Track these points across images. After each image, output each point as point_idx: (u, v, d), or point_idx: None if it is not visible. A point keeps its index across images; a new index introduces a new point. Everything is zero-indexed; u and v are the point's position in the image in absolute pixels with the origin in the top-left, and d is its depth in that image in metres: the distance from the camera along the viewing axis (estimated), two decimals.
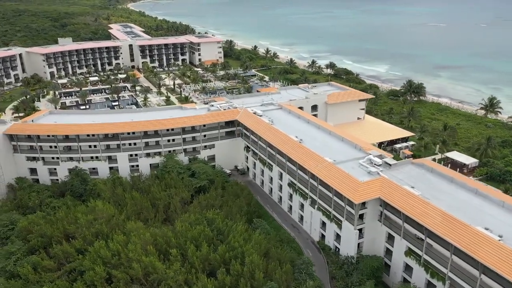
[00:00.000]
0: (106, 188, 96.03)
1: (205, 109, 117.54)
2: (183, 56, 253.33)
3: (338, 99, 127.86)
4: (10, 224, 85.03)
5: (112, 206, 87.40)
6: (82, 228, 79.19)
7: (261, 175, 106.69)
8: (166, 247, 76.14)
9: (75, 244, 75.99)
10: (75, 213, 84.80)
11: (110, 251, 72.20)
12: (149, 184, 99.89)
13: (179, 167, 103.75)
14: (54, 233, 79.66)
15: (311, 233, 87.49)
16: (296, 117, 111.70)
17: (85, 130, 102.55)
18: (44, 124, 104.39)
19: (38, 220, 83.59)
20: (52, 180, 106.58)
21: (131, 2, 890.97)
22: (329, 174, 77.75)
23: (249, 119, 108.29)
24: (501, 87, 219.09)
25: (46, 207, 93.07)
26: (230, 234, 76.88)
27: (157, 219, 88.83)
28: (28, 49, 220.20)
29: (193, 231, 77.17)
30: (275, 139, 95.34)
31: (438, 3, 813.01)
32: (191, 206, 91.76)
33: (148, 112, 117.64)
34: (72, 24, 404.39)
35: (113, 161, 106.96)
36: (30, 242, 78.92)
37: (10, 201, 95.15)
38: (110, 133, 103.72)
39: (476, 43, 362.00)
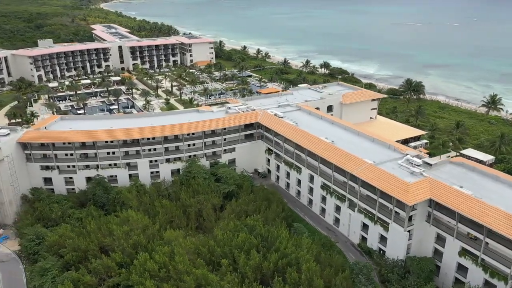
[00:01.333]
0: (132, 196, 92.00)
1: (223, 112, 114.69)
2: (174, 57, 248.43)
3: (353, 99, 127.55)
4: (37, 238, 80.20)
5: (144, 216, 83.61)
6: (119, 240, 75.33)
7: (287, 178, 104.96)
8: (210, 257, 73.65)
9: (115, 257, 72.17)
10: (108, 225, 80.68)
11: (157, 264, 68.86)
12: (174, 190, 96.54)
13: (204, 172, 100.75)
14: (89, 247, 75.58)
15: (349, 235, 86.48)
16: (318, 118, 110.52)
17: (104, 136, 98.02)
18: (60, 131, 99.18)
19: (68, 233, 79.13)
20: (68, 189, 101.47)
21: (103, 2, 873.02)
22: (373, 176, 76.80)
23: (271, 121, 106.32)
24: (491, 84, 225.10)
25: (70, 219, 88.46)
26: (276, 240, 74.78)
27: (189, 227, 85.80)
28: (14, 52, 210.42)
29: (237, 239, 74.64)
30: (306, 141, 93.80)
31: (408, 3, 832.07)
32: (223, 212, 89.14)
33: (165, 116, 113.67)
34: (48, 25, 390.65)
35: (132, 168, 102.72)
36: (64, 257, 74.57)
37: (30, 213, 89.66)
38: (131, 138, 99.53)
39: (454, 42, 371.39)
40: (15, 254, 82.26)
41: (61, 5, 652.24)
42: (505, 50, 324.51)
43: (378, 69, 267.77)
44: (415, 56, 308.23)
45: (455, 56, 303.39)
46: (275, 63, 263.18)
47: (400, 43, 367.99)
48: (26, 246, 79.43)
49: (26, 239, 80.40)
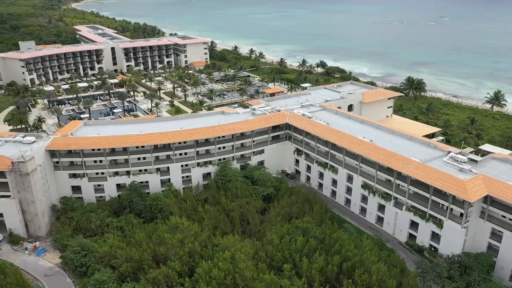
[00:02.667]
0: (172, 202, 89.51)
1: (249, 113, 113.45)
2: (168, 58, 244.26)
3: (372, 98, 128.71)
4: (82, 249, 76.82)
5: (193, 222, 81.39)
6: (175, 249, 73.06)
7: (319, 178, 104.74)
8: (270, 262, 72.51)
9: (175, 266, 69.90)
10: (156, 233, 78.10)
11: (222, 271, 67.11)
12: (212, 194, 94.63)
13: (239, 175, 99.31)
14: (143, 256, 72.94)
15: (395, 234, 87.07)
16: (346, 117, 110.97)
17: (136, 141, 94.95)
18: (88, 137, 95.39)
19: (118, 243, 76.22)
20: (97, 197, 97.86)
21: (74, 2, 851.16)
22: (425, 174, 77.53)
23: (302, 122, 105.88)
24: (481, 81, 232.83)
25: (108, 228, 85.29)
26: (336, 242, 74.34)
27: (235, 232, 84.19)
28: (3, 55, 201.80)
29: (297, 243, 73.74)
30: (344, 141, 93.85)
31: (381, 3, 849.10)
32: (268, 215, 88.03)
33: (192, 119, 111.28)
34: (25, 27, 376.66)
35: (164, 173, 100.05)
36: (118, 268, 71.66)
37: (67, 224, 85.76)
38: (164, 143, 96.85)
39: (433, 40, 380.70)
40: (58, 267, 78.53)
41: (30, 5, 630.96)
42: (484, 48, 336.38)
43: (370, 67, 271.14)
44: (400, 54, 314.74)
45: (439, 54, 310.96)
46: (269, 62, 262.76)
47: (382, 41, 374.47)
48: (72, 258, 75.85)
49: (70, 251, 76.81)
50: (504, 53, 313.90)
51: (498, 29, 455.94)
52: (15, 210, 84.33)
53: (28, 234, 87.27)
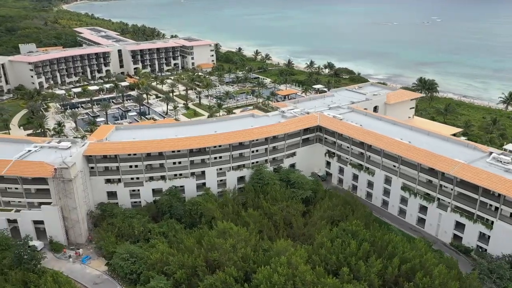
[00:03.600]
0: (214, 207, 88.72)
1: (279, 116, 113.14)
2: (175, 61, 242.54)
3: (397, 99, 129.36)
4: (131, 256, 75.64)
5: (242, 227, 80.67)
6: (228, 254, 72.32)
7: (353, 180, 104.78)
8: (325, 265, 72.18)
9: (232, 272, 69.13)
10: (205, 238, 77.22)
11: (282, 276, 66.55)
12: (251, 198, 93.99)
13: (276, 179, 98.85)
14: (197, 262, 72.06)
15: (438, 235, 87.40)
16: (377, 119, 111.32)
17: (172, 145, 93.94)
18: (126, 142, 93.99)
19: (169, 250, 75.23)
20: (132, 203, 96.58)
21: (64, 4, 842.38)
22: (473, 175, 77.99)
23: (334, 124, 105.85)
24: (486, 80, 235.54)
25: (151, 234, 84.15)
26: (389, 245, 74.30)
27: (279, 236, 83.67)
28: (12, 58, 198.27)
29: (351, 246, 73.54)
30: (382, 143, 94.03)
31: (367, 4, 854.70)
32: (312, 218, 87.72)
33: (222, 122, 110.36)
34: (21, 29, 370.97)
35: (199, 177, 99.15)
36: (173, 275, 70.67)
37: (110, 230, 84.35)
38: (200, 147, 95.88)
39: (431, 40, 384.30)
40: (106, 274, 77.23)
41: (20, 7, 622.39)
42: (481, 48, 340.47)
43: (376, 68, 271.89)
44: (401, 55, 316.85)
45: (438, 54, 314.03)
46: (275, 64, 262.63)
47: (381, 42, 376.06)
48: (122, 266, 74.63)
49: (119, 258, 75.54)
50: (502, 52, 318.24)
51: (490, 29, 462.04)
52: (56, 217, 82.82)
53: (68, 242, 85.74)
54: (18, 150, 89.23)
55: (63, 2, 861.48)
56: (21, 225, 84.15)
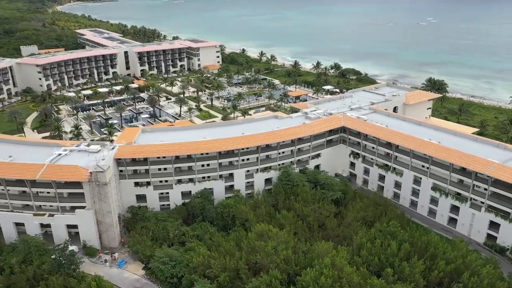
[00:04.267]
0: (247, 209, 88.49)
1: (302, 117, 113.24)
2: (181, 62, 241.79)
3: (416, 100, 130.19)
4: (170, 260, 75.12)
5: (281, 229, 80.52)
6: (271, 256, 72.10)
7: (380, 181, 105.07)
8: (367, 266, 72.24)
9: (276, 275, 68.87)
10: (248, 241, 76.87)
11: (329, 278, 66.52)
12: (281, 199, 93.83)
13: (304, 180, 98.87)
14: (239, 265, 71.80)
15: (471, 235, 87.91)
16: (401, 119, 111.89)
17: (202, 147, 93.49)
18: (156, 145, 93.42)
19: (211, 253, 74.87)
20: (161, 206, 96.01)
21: (57, 5, 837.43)
22: (511, 175, 78.52)
23: (360, 125, 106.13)
24: (491, 80, 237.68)
25: (185, 237, 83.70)
26: (429, 245, 74.60)
27: (315, 237, 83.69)
28: (19, 60, 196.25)
29: (392, 247, 73.76)
30: (411, 143, 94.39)
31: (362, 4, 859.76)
32: (343, 220, 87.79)
33: (247, 124, 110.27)
34: (20, 31, 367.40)
35: (227, 180, 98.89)
36: (216, 278, 70.32)
37: (145, 234, 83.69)
38: (230, 149, 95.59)
39: (431, 41, 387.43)
40: (145, 278, 76.65)
41: (14, 9, 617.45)
42: (480, 48, 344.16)
43: (380, 69, 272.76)
44: (402, 55, 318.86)
45: (439, 54, 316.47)
46: (279, 65, 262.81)
47: (380, 42, 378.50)
48: (162, 270, 74.06)
49: (159, 262, 74.95)
50: (501, 53, 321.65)
51: (485, 29, 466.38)
52: (91, 221, 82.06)
53: (101, 246, 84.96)
54: (47, 153, 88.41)
55: (56, 3, 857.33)
56: (54, 229, 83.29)
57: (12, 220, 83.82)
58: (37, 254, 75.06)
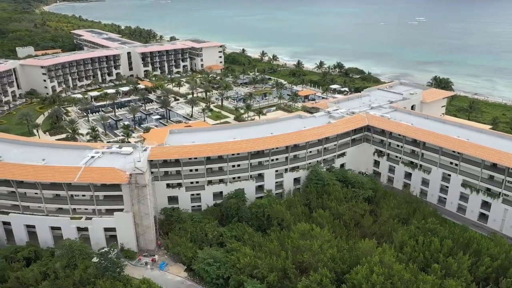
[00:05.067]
0: (283, 208, 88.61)
1: (326, 116, 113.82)
2: (184, 63, 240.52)
3: (432, 98, 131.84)
4: (215, 261, 74.82)
5: (322, 229, 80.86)
6: (318, 255, 72.44)
7: (406, 178, 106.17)
8: (412, 263, 73.01)
9: (326, 273, 69.19)
10: (292, 240, 77.04)
11: (381, 275, 67.04)
12: (313, 198, 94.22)
13: (333, 179, 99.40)
14: (287, 265, 71.94)
15: (503, 230, 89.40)
16: (424, 117, 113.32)
17: (236, 148, 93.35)
18: (188, 146, 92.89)
19: (257, 253, 74.86)
20: (193, 207, 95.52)
21: (43, 5, 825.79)
22: None
23: (386, 124, 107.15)
24: (492, 79, 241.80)
25: (223, 238, 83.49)
26: (471, 242, 75.77)
27: (352, 235, 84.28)
28: (23, 62, 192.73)
29: (435, 244, 74.75)
30: (441, 141, 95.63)
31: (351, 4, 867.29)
32: (378, 217, 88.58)
33: (272, 124, 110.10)
34: (12, 32, 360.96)
35: (258, 180, 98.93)
36: (265, 278, 70.34)
37: (183, 235, 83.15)
38: (262, 149, 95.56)
39: (425, 40, 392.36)
40: (189, 280, 76.24)
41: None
42: (476, 47, 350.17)
43: (382, 68, 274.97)
44: (401, 55, 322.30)
45: (437, 53, 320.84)
46: (281, 64, 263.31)
47: (376, 42, 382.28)
48: (207, 271, 73.70)
49: (204, 263, 74.54)
50: (496, 51, 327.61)
51: (476, 29, 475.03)
52: (130, 223, 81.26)
53: (138, 248, 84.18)
54: (78, 156, 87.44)
55: (42, 3, 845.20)
56: (91, 233, 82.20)
57: (48, 224, 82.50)
58: (80, 258, 74.01)
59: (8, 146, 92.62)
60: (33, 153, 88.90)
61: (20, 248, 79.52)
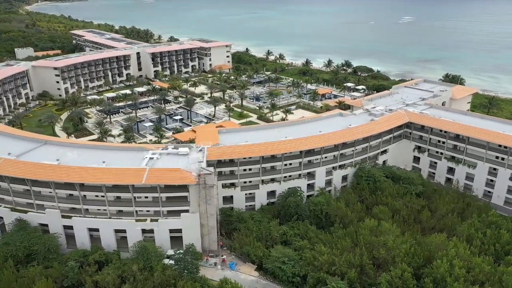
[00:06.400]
0: (342, 205, 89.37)
1: (365, 114, 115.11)
2: (193, 62, 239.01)
3: (461, 94, 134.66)
4: (288, 260, 75.06)
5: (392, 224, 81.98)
6: (394, 250, 73.43)
7: (448, 173, 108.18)
8: (483, 256, 74.73)
9: (405, 268, 70.18)
10: (363, 237, 77.79)
11: (463, 268, 68.43)
12: (366, 195, 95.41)
13: (382, 175, 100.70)
14: (364, 261, 72.71)
15: None
16: (462, 114, 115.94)
17: (291, 147, 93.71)
18: (244, 145, 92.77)
19: (331, 251, 75.45)
20: (247, 206, 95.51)
21: (26, 5, 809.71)
22: None
23: (430, 120, 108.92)
24: (494, 75, 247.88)
25: (286, 236, 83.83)
26: None
27: (412, 230, 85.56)
28: (35, 63, 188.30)
29: (504, 236, 76.69)
30: (490, 137, 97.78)
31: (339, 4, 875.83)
32: (435, 212, 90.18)
33: (316, 122, 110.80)
34: (4, 32, 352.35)
35: (310, 177, 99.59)
36: (344, 275, 70.94)
37: (249, 235, 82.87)
38: (313, 148, 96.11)
39: (418, 39, 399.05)
40: (262, 279, 76.21)
41: None
42: (469, 44, 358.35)
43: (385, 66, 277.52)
44: (398, 53, 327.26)
45: (434, 51, 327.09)
46: (286, 64, 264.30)
47: (372, 41, 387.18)
48: (284, 269, 73.85)
49: (279, 261, 74.70)
50: (491, 49, 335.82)
51: (462, 27, 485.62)
52: (196, 224, 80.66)
53: (201, 249, 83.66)
54: (136, 158, 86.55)
55: (24, 3, 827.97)
56: (157, 234, 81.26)
57: (113, 227, 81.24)
58: (156, 260, 73.28)
59: (61, 150, 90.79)
60: (88, 156, 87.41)
61: (87, 252, 78.18)
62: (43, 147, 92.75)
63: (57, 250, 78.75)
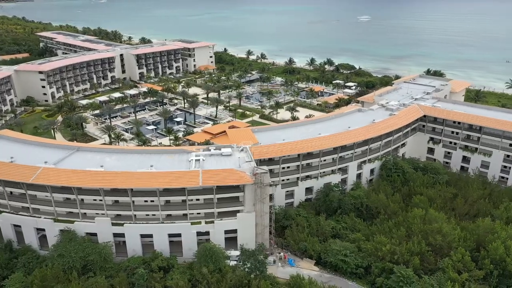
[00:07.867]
0: (383, 198, 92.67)
1: (382, 109, 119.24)
2: (177, 63, 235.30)
3: (459, 88, 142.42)
4: (350, 252, 77.15)
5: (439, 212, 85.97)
6: (450, 236, 77.32)
7: (463, 162, 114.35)
8: None
9: (463, 253, 74.09)
10: (416, 226, 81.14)
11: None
12: (399, 185, 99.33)
13: (408, 167, 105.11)
14: (424, 249, 76.03)
15: None
16: (469, 106, 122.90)
17: (331, 143, 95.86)
18: (285, 144, 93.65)
19: (386, 240, 78.25)
20: (286, 203, 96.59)
21: None
22: None
23: (444, 113, 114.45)
24: (464, 70, 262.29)
25: (335, 231, 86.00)
26: None
27: (449, 216, 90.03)
28: (17, 67, 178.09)
29: None
30: (504, 126, 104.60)
31: (291, 3, 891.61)
32: (467, 199, 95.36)
33: (338, 118, 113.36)
34: None
35: (343, 172, 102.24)
36: (407, 263, 73.88)
37: (303, 231, 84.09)
38: (352, 142, 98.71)
39: (380, 37, 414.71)
40: (328, 273, 77.66)
41: None
42: (433, 42, 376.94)
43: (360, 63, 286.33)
44: (369, 50, 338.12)
45: (404, 48, 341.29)
46: (268, 63, 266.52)
47: (341, 39, 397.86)
48: (348, 262, 75.75)
49: (341, 255, 76.50)
50: (455, 45, 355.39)
51: (417, 26, 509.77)
52: (252, 224, 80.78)
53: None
54: (180, 160, 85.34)
55: None
56: (212, 236, 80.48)
57: (168, 232, 79.57)
58: (223, 261, 72.83)
59: (97, 156, 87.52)
60: (129, 160, 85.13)
61: (146, 258, 76.23)
62: (76, 153, 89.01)
63: (111, 259, 76.25)
